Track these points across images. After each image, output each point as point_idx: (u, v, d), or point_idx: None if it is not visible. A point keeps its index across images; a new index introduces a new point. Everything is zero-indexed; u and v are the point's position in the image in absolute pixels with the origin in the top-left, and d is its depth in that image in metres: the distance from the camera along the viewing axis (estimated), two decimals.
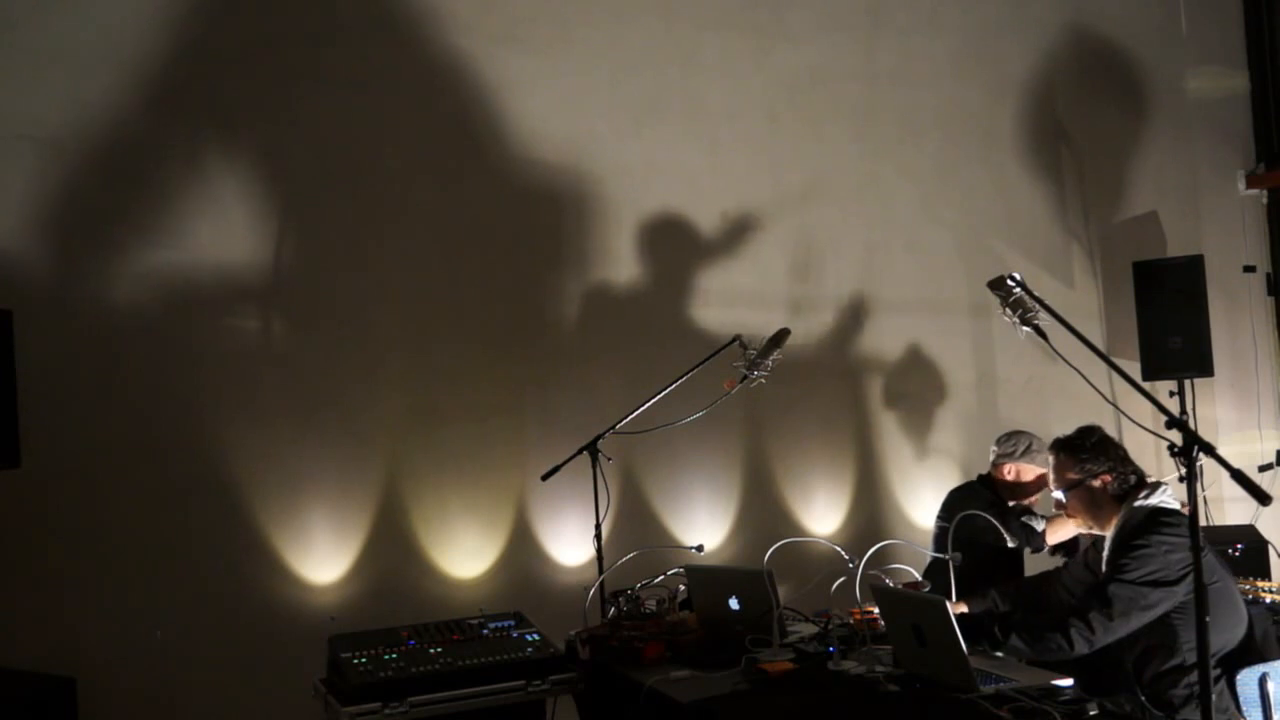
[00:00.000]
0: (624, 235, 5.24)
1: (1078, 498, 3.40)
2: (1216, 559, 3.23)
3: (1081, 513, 3.41)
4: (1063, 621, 3.16)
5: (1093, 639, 3.12)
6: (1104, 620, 3.12)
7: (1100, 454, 3.37)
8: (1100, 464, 3.36)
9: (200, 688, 4.38)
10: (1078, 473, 3.38)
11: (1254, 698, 3.05)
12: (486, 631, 3.77)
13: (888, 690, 3.02)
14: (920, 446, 5.74)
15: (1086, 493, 3.38)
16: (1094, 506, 3.38)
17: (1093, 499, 3.38)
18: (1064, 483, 3.42)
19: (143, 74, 4.46)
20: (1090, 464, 3.37)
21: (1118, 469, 3.36)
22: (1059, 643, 3.13)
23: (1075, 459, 3.40)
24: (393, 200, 4.84)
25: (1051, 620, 3.22)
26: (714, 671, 3.31)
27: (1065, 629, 3.13)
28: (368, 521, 4.72)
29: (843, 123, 5.70)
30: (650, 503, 5.21)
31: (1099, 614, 3.13)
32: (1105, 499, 3.36)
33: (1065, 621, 3.16)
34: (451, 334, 4.91)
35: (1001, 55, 6.05)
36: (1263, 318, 6.48)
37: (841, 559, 3.55)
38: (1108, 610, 3.12)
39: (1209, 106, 6.53)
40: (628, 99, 5.24)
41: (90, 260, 4.40)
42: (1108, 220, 6.27)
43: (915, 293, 5.77)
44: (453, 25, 4.96)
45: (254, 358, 4.60)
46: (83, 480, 4.31)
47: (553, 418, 4.94)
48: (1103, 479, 3.36)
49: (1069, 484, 3.41)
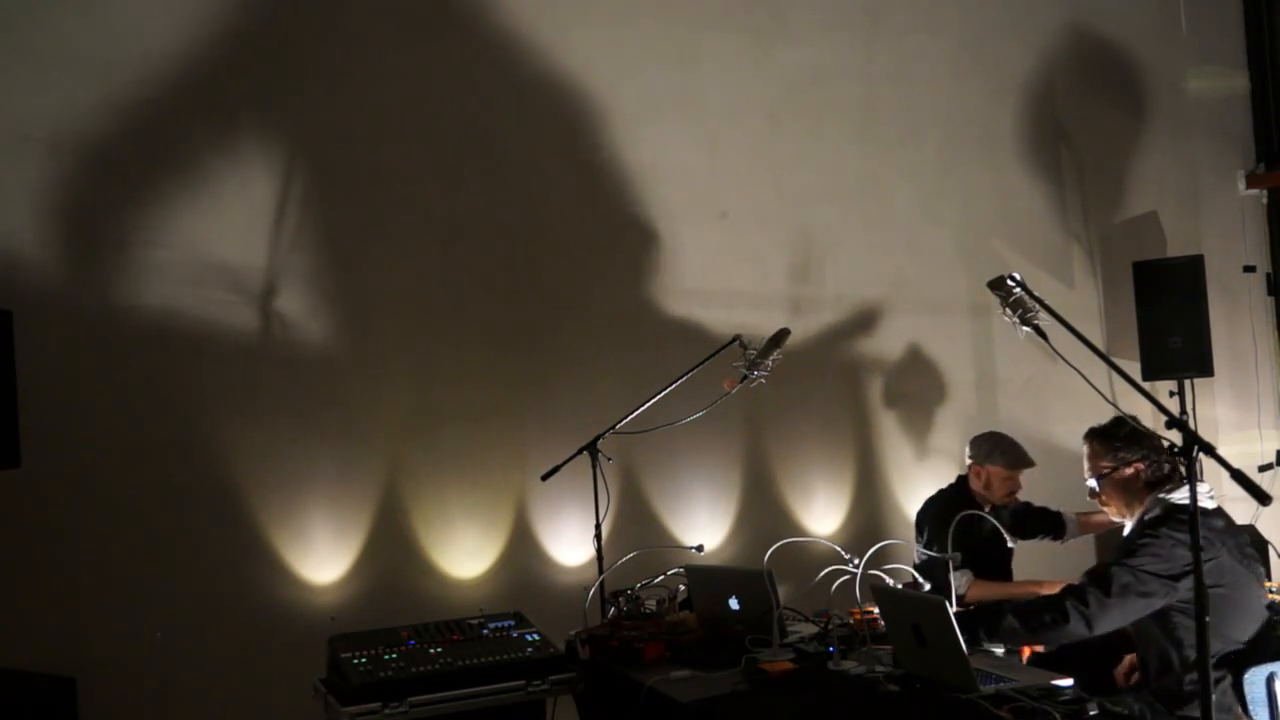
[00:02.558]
0: (624, 235, 5.24)
1: (1111, 486, 3.39)
2: (1238, 559, 3.18)
3: (1114, 500, 3.40)
4: (1059, 599, 3.16)
5: (1088, 614, 3.10)
6: (1100, 597, 3.11)
7: (1133, 443, 3.36)
8: (1133, 453, 3.35)
9: (200, 688, 4.39)
10: (1111, 461, 3.38)
11: (1261, 697, 3.04)
12: (486, 631, 3.77)
13: (888, 690, 3.02)
14: (920, 446, 5.74)
15: (1120, 481, 3.37)
16: (1126, 494, 3.38)
17: (1125, 487, 3.37)
18: (1097, 470, 3.41)
19: (142, 75, 4.47)
20: (1124, 452, 3.36)
21: (1151, 457, 3.34)
22: (1054, 618, 3.12)
23: (1109, 447, 3.39)
24: (393, 200, 4.84)
25: (1047, 599, 3.23)
26: (714, 671, 3.31)
27: (1061, 605, 3.13)
28: (367, 521, 4.72)
29: (843, 123, 5.70)
30: (650, 503, 5.21)
31: (1096, 591, 3.12)
32: (1138, 487, 3.36)
33: (1061, 598, 3.16)
34: (451, 334, 4.91)
35: (1001, 55, 6.04)
36: (1263, 318, 6.48)
37: (841, 558, 3.55)
38: (1105, 587, 3.11)
39: (1209, 106, 6.53)
40: (628, 99, 5.24)
41: (91, 260, 4.40)
42: (1108, 220, 6.27)
43: (915, 293, 5.77)
44: (453, 26, 4.96)
45: (254, 358, 4.60)
46: (83, 480, 4.32)
47: (553, 418, 4.94)
48: (1135, 467, 3.35)
49: (1102, 472, 3.40)
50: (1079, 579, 3.26)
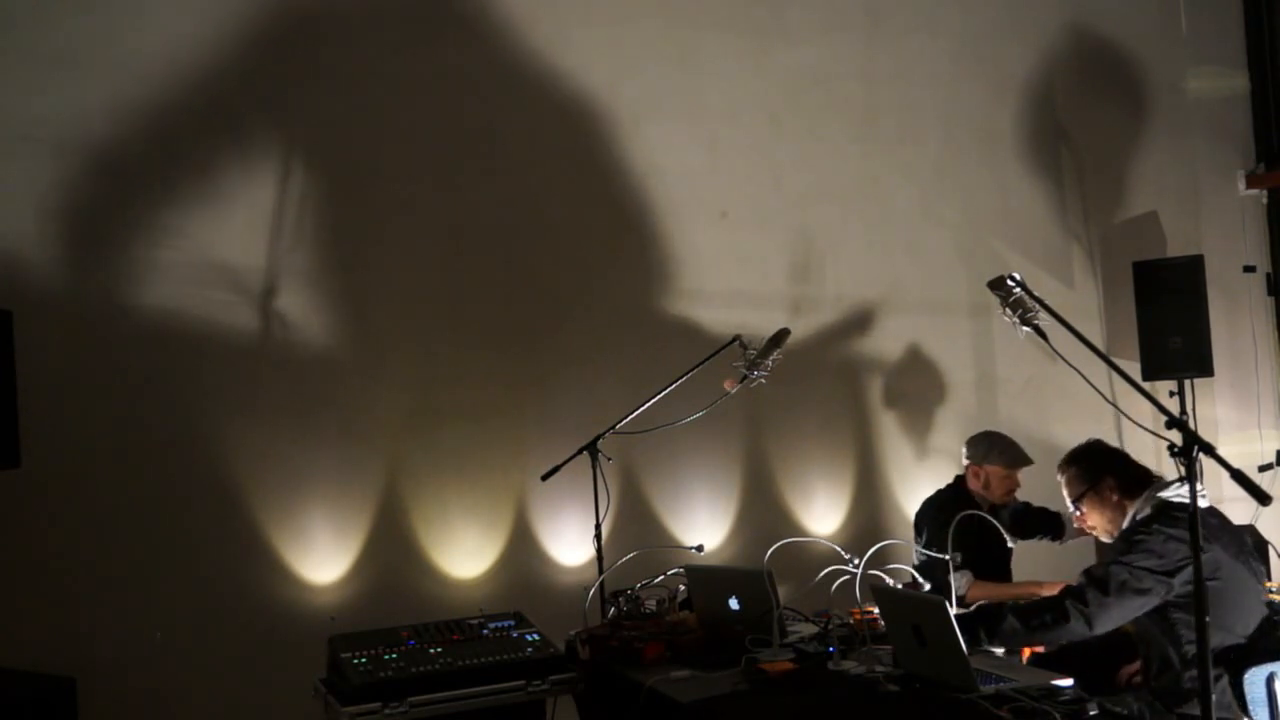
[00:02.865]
0: (624, 235, 5.24)
1: (1090, 505, 3.46)
2: (1232, 555, 3.20)
3: (1097, 518, 3.46)
4: (1058, 600, 3.18)
5: (1088, 613, 3.12)
6: (1099, 596, 3.13)
7: (1100, 460, 3.46)
8: (1101, 469, 3.43)
9: (200, 688, 4.39)
10: (1083, 482, 3.46)
11: (1261, 697, 3.04)
12: (486, 631, 3.77)
13: (888, 690, 3.02)
14: (920, 446, 5.74)
15: (1095, 498, 3.44)
16: (1106, 509, 3.43)
17: (1103, 502, 3.43)
18: (1075, 494, 3.49)
19: (142, 75, 4.47)
20: (1092, 471, 3.44)
21: (1119, 469, 3.42)
22: (1054, 618, 3.15)
23: (1079, 470, 3.48)
24: (393, 200, 4.84)
25: (1046, 600, 3.25)
26: (714, 671, 3.31)
27: (1060, 605, 3.15)
28: (368, 521, 4.72)
29: (843, 123, 5.70)
30: (650, 503, 5.21)
31: (1094, 590, 3.14)
32: (1114, 499, 3.41)
33: (1060, 599, 3.18)
34: (451, 334, 4.91)
35: (1001, 55, 6.04)
36: (1263, 318, 6.48)
37: (841, 558, 3.55)
38: (1104, 587, 3.13)
39: (1209, 106, 6.52)
40: (628, 99, 5.24)
41: (90, 260, 4.40)
42: (1108, 220, 6.27)
43: (915, 293, 5.76)
44: (453, 25, 4.96)
45: (254, 358, 4.60)
46: (83, 480, 4.32)
47: (553, 418, 4.94)
48: (1105, 479, 3.41)
49: (1079, 494, 3.47)
50: (1077, 578, 3.27)
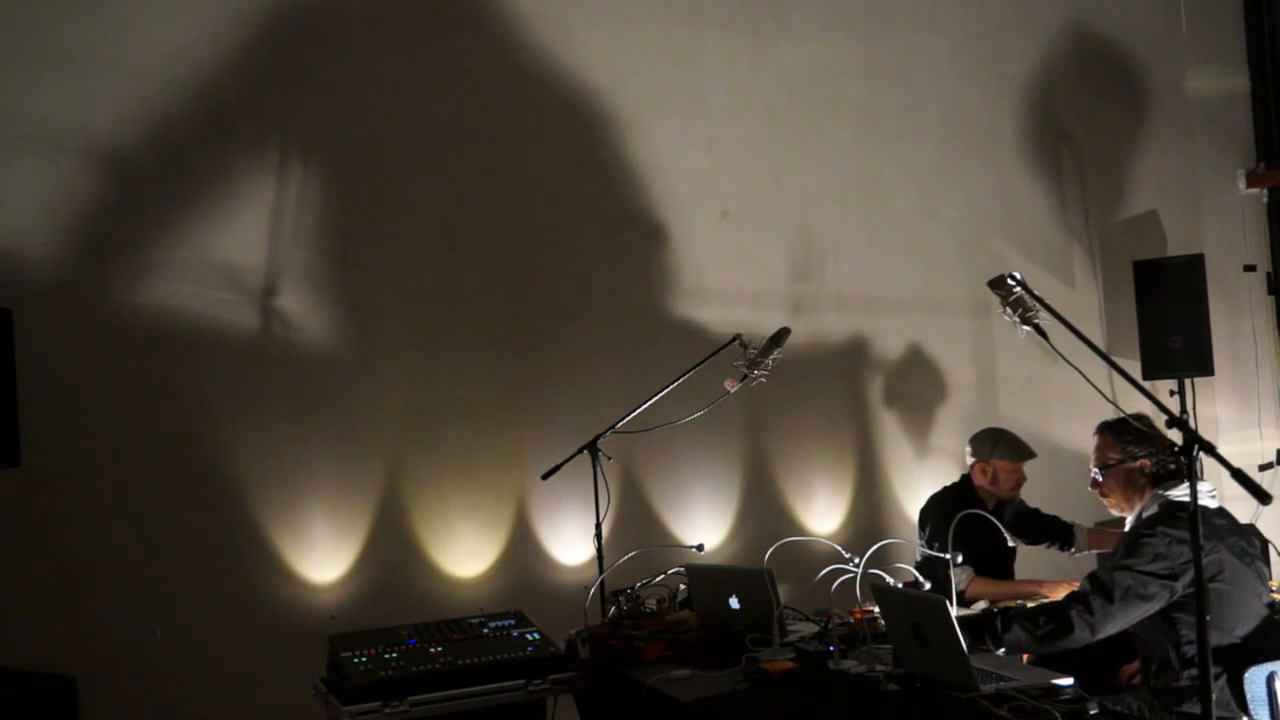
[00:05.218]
0: (624, 234, 5.24)
1: (1115, 477, 3.44)
2: (1237, 556, 3.21)
3: (1116, 492, 3.45)
4: (1063, 608, 3.18)
5: (1093, 622, 3.13)
6: (1103, 604, 3.13)
7: (1143, 439, 3.41)
8: (1141, 448, 3.40)
9: (200, 687, 4.39)
10: (1118, 453, 3.43)
11: (1261, 696, 3.04)
12: (487, 631, 3.76)
13: (888, 690, 3.01)
14: (920, 446, 5.74)
15: (1124, 474, 3.42)
16: (1129, 487, 3.42)
17: (1129, 480, 3.42)
18: (1103, 461, 3.46)
19: (144, 75, 4.47)
20: (1132, 446, 3.41)
21: (1157, 455, 3.39)
22: (1059, 626, 3.14)
23: (1118, 440, 3.45)
24: (393, 199, 4.84)
25: (1051, 607, 3.25)
26: (714, 671, 3.30)
27: (1065, 614, 3.15)
28: (368, 521, 4.72)
29: (843, 122, 5.70)
30: (650, 502, 5.21)
31: (1099, 598, 3.14)
32: (1142, 482, 3.40)
33: (1065, 607, 3.17)
34: (451, 334, 4.91)
35: (1001, 55, 6.04)
36: (1263, 317, 6.48)
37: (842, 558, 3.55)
38: (1108, 593, 3.13)
39: (1209, 106, 6.53)
40: (629, 98, 5.24)
41: (90, 260, 4.40)
42: (1108, 219, 6.27)
43: (915, 292, 5.77)
44: (453, 25, 4.96)
45: (254, 357, 4.59)
46: (83, 480, 4.31)
47: (553, 417, 4.94)
48: (1142, 462, 3.40)
49: (1108, 463, 3.45)
50: (1080, 583, 3.27)
